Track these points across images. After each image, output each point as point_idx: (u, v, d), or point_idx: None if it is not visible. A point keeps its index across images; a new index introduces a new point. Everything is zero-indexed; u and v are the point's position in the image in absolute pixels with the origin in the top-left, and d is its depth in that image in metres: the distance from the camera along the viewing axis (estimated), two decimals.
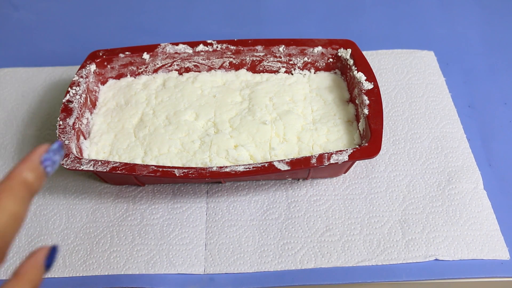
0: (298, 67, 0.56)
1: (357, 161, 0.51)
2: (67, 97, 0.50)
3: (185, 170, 0.44)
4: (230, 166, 0.45)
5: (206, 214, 0.49)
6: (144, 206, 0.50)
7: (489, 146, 0.54)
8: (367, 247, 0.46)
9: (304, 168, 0.44)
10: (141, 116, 0.53)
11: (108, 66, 0.56)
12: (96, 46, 0.57)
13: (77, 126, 0.49)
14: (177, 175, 0.44)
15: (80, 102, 0.51)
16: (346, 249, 0.46)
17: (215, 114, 0.52)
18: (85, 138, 0.51)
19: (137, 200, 0.50)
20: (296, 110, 0.52)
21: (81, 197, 0.50)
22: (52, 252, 0.26)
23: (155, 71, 0.57)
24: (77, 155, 0.46)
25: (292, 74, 0.56)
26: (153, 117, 0.53)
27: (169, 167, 0.45)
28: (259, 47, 0.55)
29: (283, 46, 0.55)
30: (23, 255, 0.46)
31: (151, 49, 0.55)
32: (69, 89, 0.51)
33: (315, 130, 0.50)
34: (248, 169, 0.44)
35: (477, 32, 0.66)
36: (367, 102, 0.48)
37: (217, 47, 0.55)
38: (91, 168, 0.44)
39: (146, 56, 0.55)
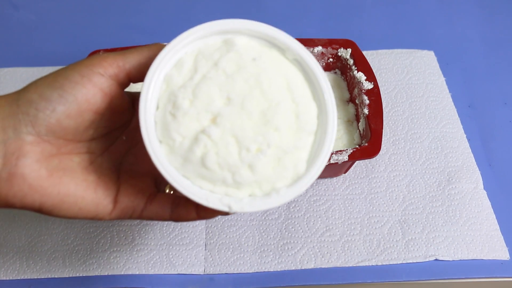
0: None
1: (357, 161, 0.51)
2: None
3: None
4: None
5: None
6: None
7: (489, 146, 0.54)
8: (367, 247, 0.46)
9: None
10: None
11: None
12: (96, 46, 0.57)
13: None
14: None
15: None
16: (346, 249, 0.46)
17: None
18: None
19: None
20: None
21: None
22: None
23: None
24: None
25: None
26: None
27: None
28: None
29: None
30: (23, 256, 0.46)
31: None
32: None
33: None
34: None
35: (477, 32, 0.66)
36: (367, 102, 0.48)
37: None
38: None
39: None
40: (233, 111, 0.29)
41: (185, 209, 0.31)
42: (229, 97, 0.29)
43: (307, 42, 0.55)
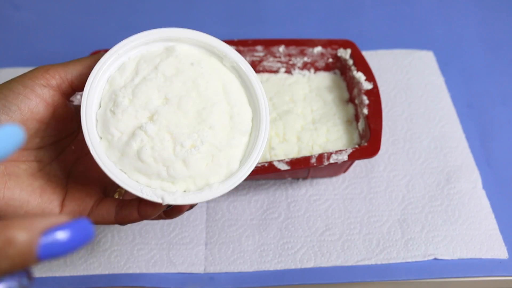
0: (298, 67, 0.56)
1: (357, 161, 0.51)
2: None
3: None
4: None
5: (206, 213, 0.49)
6: None
7: (488, 146, 0.54)
8: (367, 246, 0.46)
9: (303, 168, 0.44)
10: None
11: None
12: (96, 46, 0.57)
13: None
14: None
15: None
16: (346, 248, 0.46)
17: None
18: None
19: None
20: (296, 110, 0.53)
21: None
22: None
23: None
24: None
25: (291, 74, 0.57)
26: None
27: None
28: (259, 47, 0.55)
29: (283, 46, 0.55)
30: None
31: None
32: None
33: (314, 130, 0.51)
34: None
35: (476, 32, 0.66)
36: (367, 102, 0.48)
37: None
38: None
39: None
40: (170, 110, 0.31)
41: (128, 210, 0.33)
42: (167, 97, 0.31)
43: (307, 42, 0.55)
